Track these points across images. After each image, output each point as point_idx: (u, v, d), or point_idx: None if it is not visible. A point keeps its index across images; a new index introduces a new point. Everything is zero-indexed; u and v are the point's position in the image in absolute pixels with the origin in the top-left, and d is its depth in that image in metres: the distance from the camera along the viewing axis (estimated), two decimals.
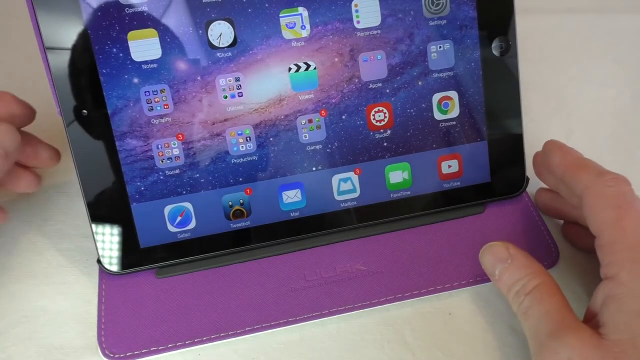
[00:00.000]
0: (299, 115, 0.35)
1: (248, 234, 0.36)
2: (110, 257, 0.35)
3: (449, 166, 0.38)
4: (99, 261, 0.35)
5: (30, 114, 0.36)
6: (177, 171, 0.35)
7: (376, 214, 0.37)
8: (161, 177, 0.35)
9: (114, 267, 0.35)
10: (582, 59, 0.51)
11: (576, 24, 0.54)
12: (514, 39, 0.37)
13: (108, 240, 0.35)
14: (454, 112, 0.37)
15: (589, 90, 0.48)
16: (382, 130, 0.37)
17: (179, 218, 0.35)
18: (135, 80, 0.33)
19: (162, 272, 0.35)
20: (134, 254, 0.35)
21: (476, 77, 0.37)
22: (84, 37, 0.32)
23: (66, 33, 0.32)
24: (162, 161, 0.35)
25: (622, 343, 0.26)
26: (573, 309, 0.34)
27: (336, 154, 0.36)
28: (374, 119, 0.36)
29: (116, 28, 0.33)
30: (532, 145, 0.37)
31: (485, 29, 0.36)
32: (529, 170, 0.38)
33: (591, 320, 0.29)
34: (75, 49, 0.32)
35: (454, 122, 0.37)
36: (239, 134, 0.35)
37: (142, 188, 0.35)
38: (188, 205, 0.35)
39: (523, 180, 0.38)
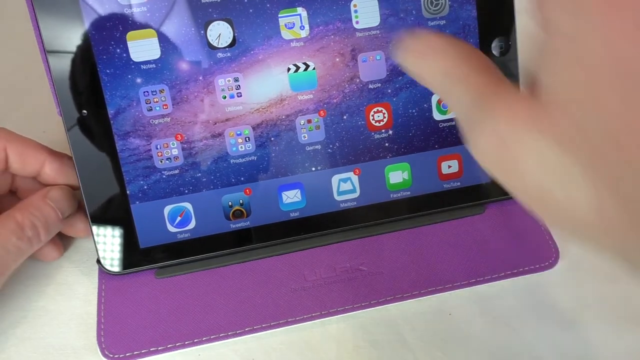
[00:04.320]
0: (299, 116, 0.35)
1: (248, 234, 0.36)
2: (110, 258, 0.35)
3: (449, 166, 0.38)
4: (98, 261, 0.35)
5: None
6: (177, 171, 0.35)
7: (376, 214, 0.37)
8: (161, 177, 0.35)
9: (114, 268, 0.35)
10: None
11: None
12: (514, 39, 0.37)
13: (108, 241, 0.35)
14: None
15: None
16: (381, 131, 0.37)
17: (179, 218, 0.35)
18: (135, 80, 0.33)
19: (161, 273, 0.35)
20: (133, 254, 0.35)
21: None
22: (83, 38, 0.32)
23: (66, 33, 0.32)
24: (162, 161, 0.35)
25: (562, 103, 0.19)
26: (572, 303, 0.34)
27: (336, 154, 0.36)
28: (373, 119, 0.36)
29: (116, 28, 0.33)
30: None
31: (485, 29, 0.36)
32: None
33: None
34: (75, 49, 0.32)
35: (454, 122, 0.37)
36: (237, 134, 0.35)
37: (142, 188, 0.35)
38: (188, 205, 0.35)
39: None
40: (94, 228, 0.34)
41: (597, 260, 0.36)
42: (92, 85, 0.33)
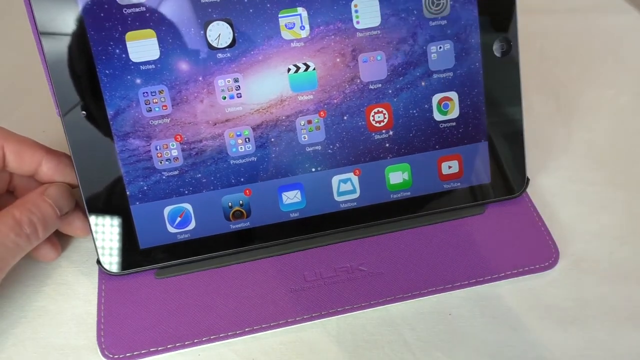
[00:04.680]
0: (299, 116, 0.35)
1: (248, 234, 0.36)
2: (110, 258, 0.35)
3: (449, 167, 0.38)
4: (98, 262, 0.35)
5: None
6: (176, 172, 0.35)
7: (376, 215, 0.37)
8: (161, 178, 0.35)
9: (114, 268, 0.35)
10: (582, 59, 0.51)
11: (576, 24, 0.54)
12: (515, 39, 0.37)
13: (108, 241, 0.35)
14: (454, 112, 0.37)
15: (589, 90, 0.48)
16: (382, 131, 0.37)
17: (179, 219, 0.35)
18: (134, 81, 0.33)
19: (161, 273, 0.35)
20: (133, 255, 0.35)
21: (477, 77, 0.37)
22: (82, 38, 0.32)
23: (64, 34, 0.32)
24: (161, 162, 0.34)
25: None
26: (572, 303, 0.34)
27: (336, 154, 0.36)
28: (373, 119, 0.36)
29: (114, 29, 0.33)
30: (532, 146, 0.37)
31: (486, 29, 0.36)
32: (530, 171, 0.38)
33: None
34: (74, 50, 0.32)
35: (454, 123, 0.37)
36: (237, 135, 0.35)
37: (142, 189, 0.35)
38: (188, 206, 0.35)
39: (523, 181, 0.38)
40: (94, 228, 0.34)
41: (597, 260, 0.36)
42: (91, 86, 0.33)
